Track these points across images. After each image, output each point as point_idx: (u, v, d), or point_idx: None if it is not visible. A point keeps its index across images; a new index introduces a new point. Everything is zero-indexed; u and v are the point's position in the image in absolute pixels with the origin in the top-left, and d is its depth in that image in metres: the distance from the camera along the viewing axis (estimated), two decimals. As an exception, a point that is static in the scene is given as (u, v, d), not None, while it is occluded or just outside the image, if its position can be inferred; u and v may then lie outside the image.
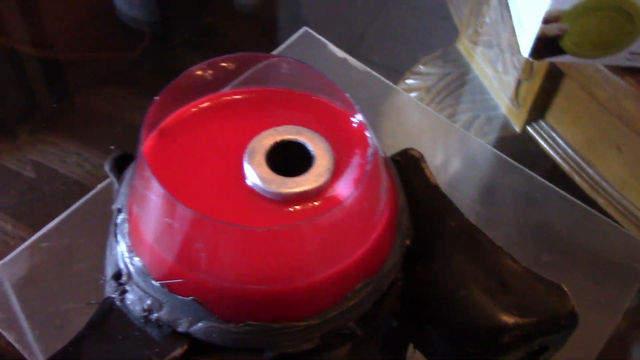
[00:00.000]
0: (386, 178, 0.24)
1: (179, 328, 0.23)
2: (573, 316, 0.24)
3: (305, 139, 0.24)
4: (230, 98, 0.26)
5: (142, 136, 0.23)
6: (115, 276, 0.24)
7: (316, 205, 0.23)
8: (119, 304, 0.24)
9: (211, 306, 0.22)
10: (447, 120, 0.42)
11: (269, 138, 0.24)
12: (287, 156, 0.24)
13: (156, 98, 0.23)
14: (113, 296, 0.24)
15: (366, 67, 0.40)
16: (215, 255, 0.22)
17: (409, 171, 0.27)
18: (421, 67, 0.50)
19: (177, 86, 0.24)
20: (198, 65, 0.24)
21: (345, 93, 0.25)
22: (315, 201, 0.23)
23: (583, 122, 0.45)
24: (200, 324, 0.23)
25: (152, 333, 0.23)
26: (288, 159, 0.24)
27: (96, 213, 0.32)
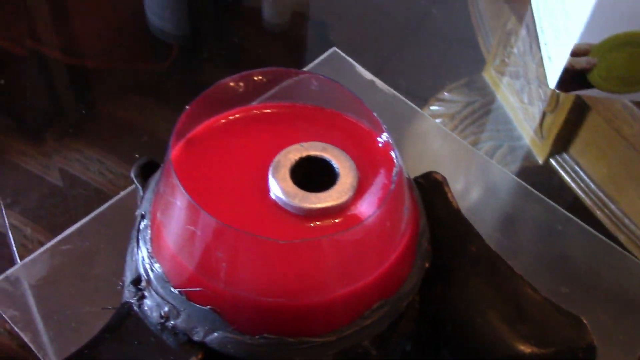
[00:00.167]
0: (409, 199, 0.24)
1: (195, 337, 0.23)
2: (591, 349, 0.24)
3: (330, 156, 0.24)
4: (259, 111, 0.26)
5: (171, 144, 0.23)
6: (134, 281, 0.24)
7: (338, 222, 0.23)
8: (137, 309, 0.24)
9: (228, 317, 0.22)
10: (471, 146, 0.42)
11: (295, 153, 0.24)
12: (312, 172, 0.24)
13: (187, 107, 0.23)
14: (131, 301, 0.24)
15: (392, 90, 0.41)
16: (235, 265, 0.22)
17: (432, 194, 0.27)
18: (446, 94, 0.50)
19: (208, 96, 0.24)
20: (230, 77, 0.24)
21: (373, 112, 0.25)
22: (337, 218, 0.23)
23: (607, 157, 0.44)
24: (215, 334, 0.23)
25: (168, 340, 0.23)
26: (312, 175, 0.24)
27: (118, 219, 0.32)
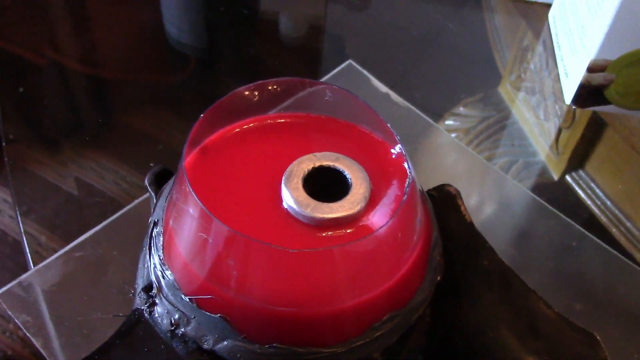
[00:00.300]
0: (421, 211, 0.24)
1: (204, 345, 0.23)
2: (604, 366, 0.24)
3: (343, 166, 0.24)
4: (272, 121, 0.26)
5: (185, 151, 0.23)
6: (146, 288, 0.25)
7: (350, 232, 0.23)
8: (147, 316, 0.24)
9: (238, 325, 0.22)
10: (485, 160, 0.42)
11: (308, 163, 0.24)
12: (325, 182, 0.24)
13: (202, 115, 0.24)
14: (142, 308, 0.24)
15: (407, 103, 0.41)
16: (245, 273, 0.22)
17: (445, 207, 0.27)
18: (461, 109, 0.50)
19: (223, 105, 0.24)
20: (245, 86, 0.25)
21: (387, 123, 0.25)
22: (349, 228, 0.23)
23: (623, 174, 0.44)
24: (225, 343, 0.23)
25: (177, 348, 0.23)
26: (325, 185, 0.24)
27: (131, 227, 0.33)
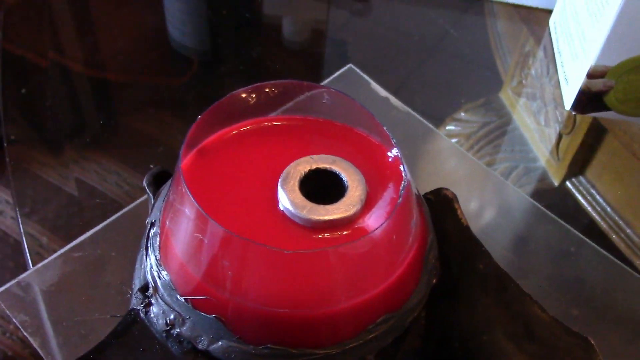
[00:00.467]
0: (417, 214, 0.24)
1: (199, 345, 0.23)
2: (599, 371, 0.24)
3: (339, 169, 0.24)
4: (270, 124, 0.26)
5: (182, 153, 0.23)
6: (142, 289, 0.25)
7: (345, 234, 0.23)
8: (143, 316, 0.24)
9: (232, 326, 0.22)
10: (485, 165, 0.42)
11: (305, 165, 0.25)
12: (321, 184, 0.24)
13: (199, 117, 0.24)
14: (138, 308, 0.24)
15: (407, 108, 0.41)
16: (240, 274, 0.22)
17: (441, 210, 0.27)
18: (462, 114, 0.50)
19: (221, 107, 0.24)
20: (243, 88, 0.25)
21: (383, 126, 0.25)
22: (344, 230, 0.23)
23: (624, 180, 0.44)
24: (220, 343, 0.23)
25: (172, 348, 0.23)
26: (322, 187, 0.24)
27: (130, 228, 0.33)
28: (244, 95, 0.25)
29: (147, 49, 0.51)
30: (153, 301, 0.24)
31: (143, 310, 0.24)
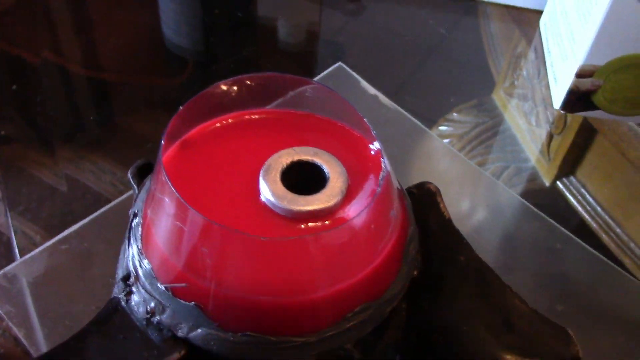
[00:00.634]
0: (397, 205, 0.25)
1: (179, 333, 0.23)
2: (577, 361, 0.24)
3: (321, 161, 0.25)
4: (253, 117, 0.27)
5: (163, 143, 0.24)
6: (124, 278, 0.25)
7: (326, 224, 0.23)
8: (124, 305, 0.24)
9: (211, 313, 0.23)
10: (473, 163, 0.42)
11: (287, 157, 0.25)
12: (303, 176, 0.25)
13: (181, 107, 0.24)
14: (119, 297, 0.25)
15: (396, 106, 0.41)
16: (218, 261, 0.22)
17: (424, 204, 0.27)
18: (455, 115, 0.50)
19: (203, 98, 0.24)
20: (224, 80, 0.25)
21: (364, 119, 0.25)
22: (325, 221, 0.23)
23: (613, 180, 0.44)
24: (199, 330, 0.23)
25: (153, 336, 0.24)
26: (303, 179, 0.24)
27: (117, 221, 0.33)
28: (225, 87, 0.25)
29: (142, 49, 0.51)
30: (134, 290, 0.24)
31: (124, 298, 0.24)
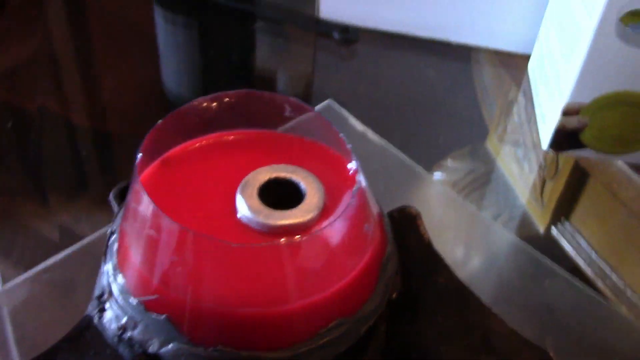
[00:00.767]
0: (373, 220, 0.25)
1: (150, 349, 0.23)
2: (557, 382, 0.23)
3: (298, 178, 0.25)
4: (232, 137, 0.27)
5: (139, 158, 0.24)
6: (98, 296, 0.25)
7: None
8: (96, 322, 0.24)
9: (183, 327, 0.22)
10: (451, 190, 0.42)
11: (265, 174, 0.25)
12: (281, 193, 0.25)
13: (159, 122, 0.24)
14: (92, 314, 0.24)
15: (384, 141, 0.41)
16: (188, 270, 0.22)
17: (405, 227, 0.27)
18: (449, 162, 0.50)
19: (180, 114, 0.25)
20: (201, 98, 0.25)
21: (345, 141, 0.26)
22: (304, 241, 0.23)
23: (607, 224, 0.44)
24: (170, 345, 0.23)
25: (124, 353, 0.23)
26: (281, 196, 0.24)
27: (101, 251, 0.33)
28: (205, 104, 0.25)
29: (143, 100, 0.52)
30: (107, 306, 0.24)
31: (97, 315, 0.24)
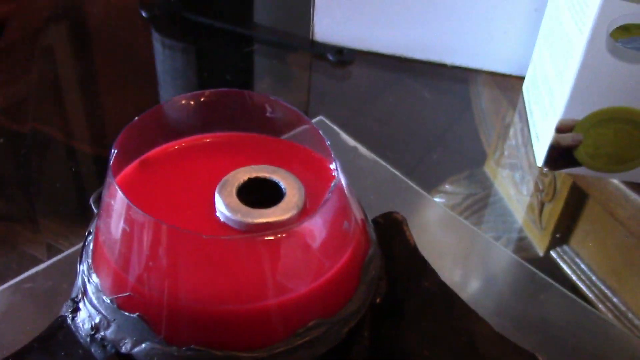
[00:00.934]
0: (354, 219, 0.24)
1: (123, 349, 0.22)
2: (545, 387, 0.22)
3: (278, 177, 0.24)
4: (214, 139, 0.27)
5: (115, 151, 0.23)
6: (74, 297, 0.24)
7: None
8: (70, 322, 0.23)
9: (156, 325, 0.22)
10: (440, 202, 0.42)
11: (244, 174, 0.24)
12: (260, 193, 0.24)
13: (136, 118, 0.24)
14: (66, 314, 0.24)
15: (375, 157, 0.41)
16: (161, 264, 0.21)
17: (390, 232, 0.27)
18: (447, 186, 0.50)
19: (159, 111, 0.25)
20: (183, 95, 0.25)
21: (326, 141, 0.25)
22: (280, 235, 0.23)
23: (606, 245, 0.43)
24: (143, 345, 0.22)
25: (96, 353, 0.23)
26: (261, 196, 0.24)
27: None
28: (184, 102, 0.25)
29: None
30: (80, 306, 0.23)
31: (70, 315, 0.23)
